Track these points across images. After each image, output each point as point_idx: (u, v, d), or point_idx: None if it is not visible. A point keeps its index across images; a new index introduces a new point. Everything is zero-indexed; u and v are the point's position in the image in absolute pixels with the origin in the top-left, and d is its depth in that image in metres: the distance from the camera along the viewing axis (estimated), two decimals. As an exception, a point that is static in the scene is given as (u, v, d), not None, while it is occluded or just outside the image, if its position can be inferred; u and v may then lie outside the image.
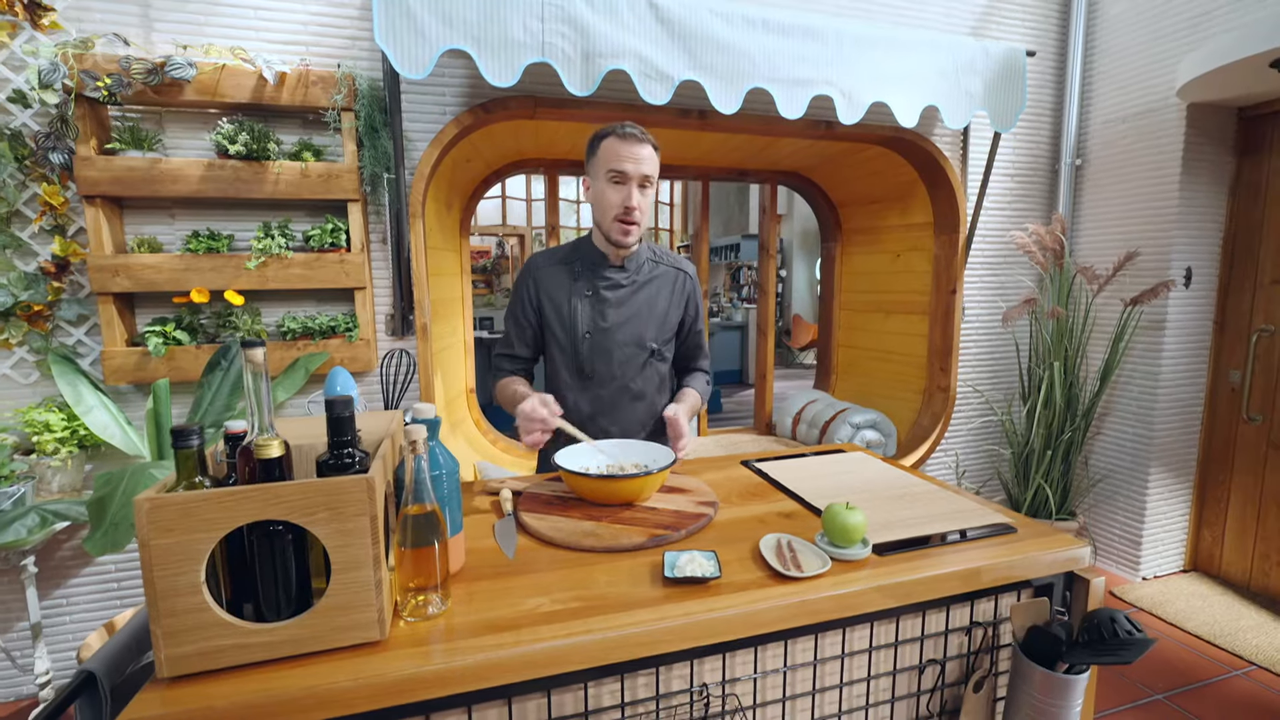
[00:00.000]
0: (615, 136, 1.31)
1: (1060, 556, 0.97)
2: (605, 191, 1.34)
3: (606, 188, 1.33)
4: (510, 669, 0.73)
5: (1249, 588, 2.56)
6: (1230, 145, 2.49)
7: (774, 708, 0.88)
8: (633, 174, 1.31)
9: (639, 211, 1.34)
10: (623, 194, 1.32)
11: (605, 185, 1.33)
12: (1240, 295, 2.54)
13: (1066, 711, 0.91)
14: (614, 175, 1.31)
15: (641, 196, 1.33)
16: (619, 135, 1.31)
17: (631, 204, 1.32)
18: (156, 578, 0.65)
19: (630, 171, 1.30)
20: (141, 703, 0.64)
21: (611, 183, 1.32)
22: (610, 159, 1.31)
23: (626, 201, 1.32)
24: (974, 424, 2.95)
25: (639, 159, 1.30)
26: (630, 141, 1.30)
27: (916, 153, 2.67)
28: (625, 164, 1.30)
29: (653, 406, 1.47)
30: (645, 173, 1.32)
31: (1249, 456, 2.53)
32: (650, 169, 1.33)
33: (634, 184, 1.32)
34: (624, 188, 1.32)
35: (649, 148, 1.32)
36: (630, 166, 1.30)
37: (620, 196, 1.32)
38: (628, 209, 1.33)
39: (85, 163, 1.78)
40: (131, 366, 1.89)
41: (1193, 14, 2.36)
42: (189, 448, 0.68)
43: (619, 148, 1.30)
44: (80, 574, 2.01)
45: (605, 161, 1.32)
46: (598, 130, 1.35)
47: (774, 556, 0.92)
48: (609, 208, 1.34)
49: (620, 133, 1.31)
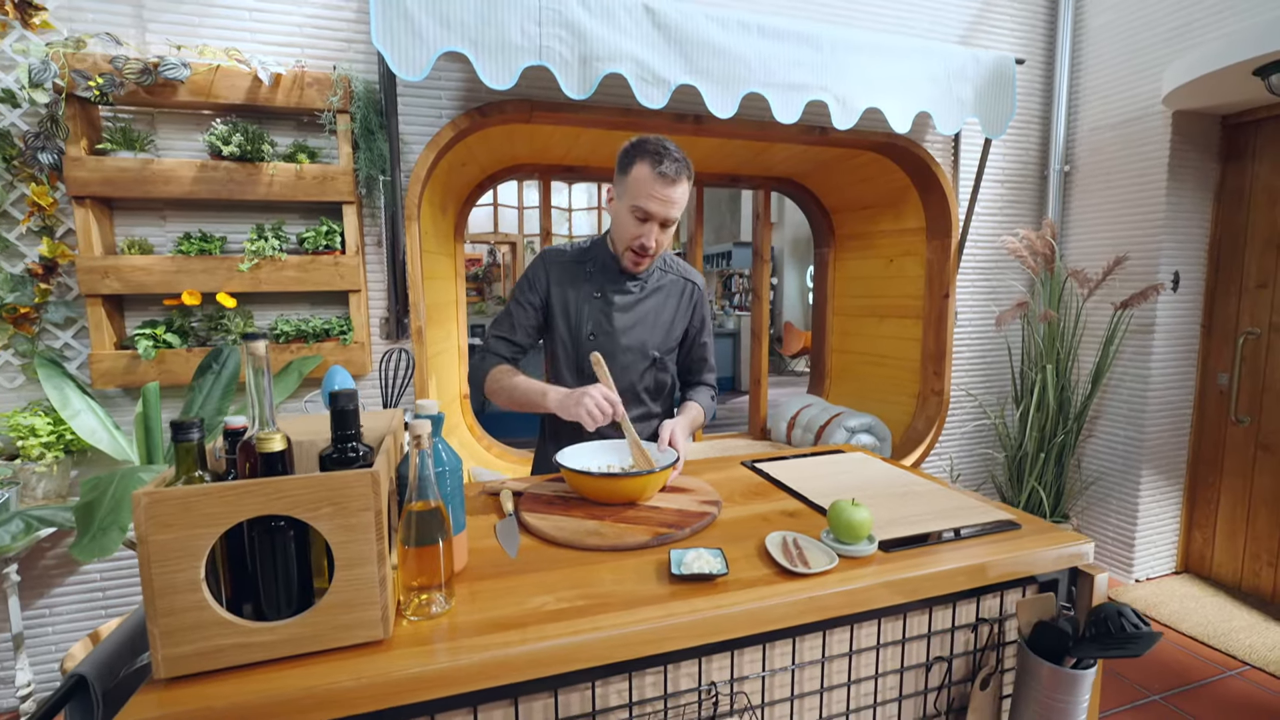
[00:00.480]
0: (652, 170, 1.21)
1: (1064, 552, 0.97)
2: (626, 220, 1.28)
3: (628, 217, 1.28)
4: (516, 668, 0.71)
5: (1240, 588, 2.58)
6: (1214, 152, 2.54)
7: (782, 706, 0.87)
8: (657, 215, 1.25)
9: (653, 251, 1.31)
10: (642, 231, 1.28)
11: (628, 216, 1.27)
12: (1227, 299, 2.58)
13: (1074, 706, 0.91)
14: (638, 212, 1.26)
15: (662, 235, 1.29)
16: (657, 173, 1.20)
17: (649, 245, 1.29)
18: (155, 575, 0.63)
19: (656, 213, 1.25)
20: (138, 704, 0.62)
21: (634, 216, 1.27)
22: (639, 194, 1.23)
23: (644, 240, 1.28)
24: (967, 427, 2.96)
25: (668, 201, 1.23)
26: (665, 183, 1.21)
27: (909, 158, 2.70)
28: (652, 205, 1.24)
29: (650, 413, 1.46)
30: (671, 216, 1.26)
31: (1238, 458, 2.56)
32: (678, 211, 1.26)
33: (656, 223, 1.27)
34: (646, 225, 1.27)
35: (683, 185, 1.24)
36: (657, 208, 1.24)
37: (639, 232, 1.28)
38: (643, 248, 1.30)
39: (75, 163, 1.76)
40: (120, 370, 1.86)
41: (1175, 25, 2.41)
42: (189, 441, 0.67)
43: (653, 187, 1.21)
44: (64, 583, 1.96)
45: (634, 192, 1.24)
46: (636, 143, 1.26)
47: (780, 553, 0.91)
48: (625, 235, 1.31)
49: (658, 169, 1.20)
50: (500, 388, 1.34)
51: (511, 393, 1.31)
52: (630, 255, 1.32)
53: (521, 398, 1.30)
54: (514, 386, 1.31)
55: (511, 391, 1.31)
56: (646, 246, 1.28)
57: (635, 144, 1.26)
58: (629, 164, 1.25)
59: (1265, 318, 2.46)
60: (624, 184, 1.27)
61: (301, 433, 0.89)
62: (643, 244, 1.28)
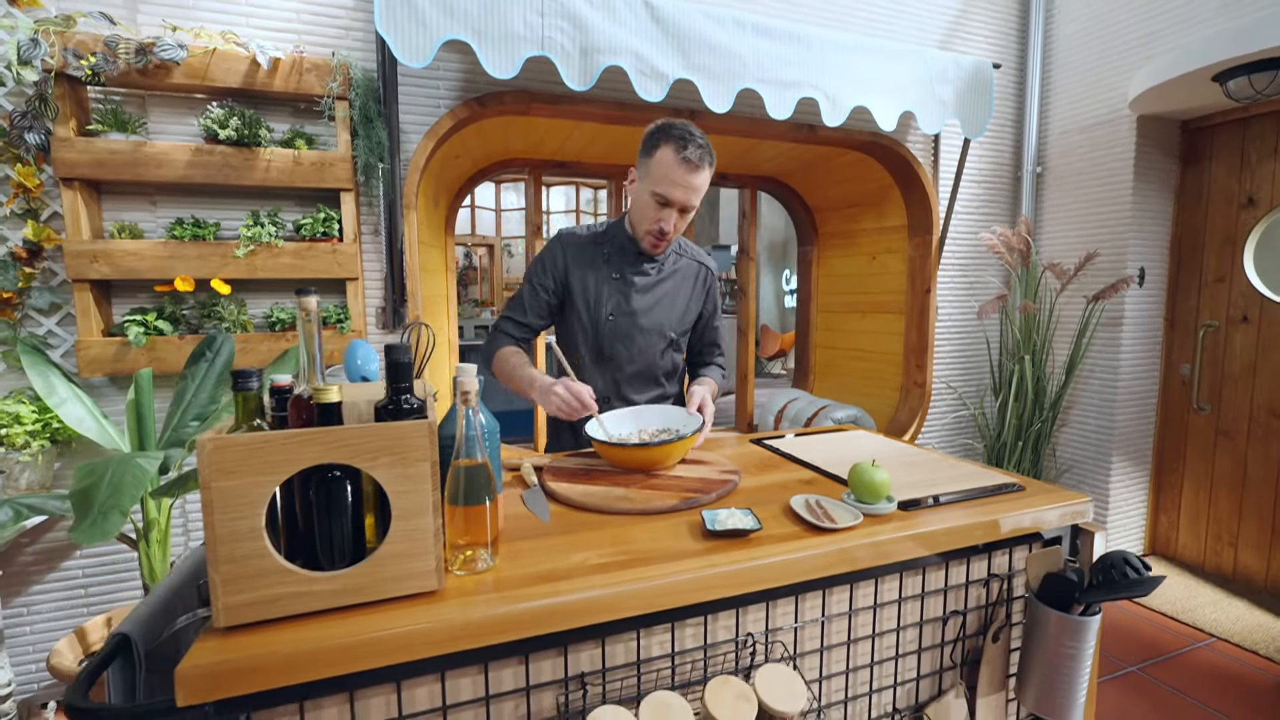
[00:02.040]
0: (676, 155, 1.22)
1: (1068, 510, 1.03)
2: (647, 203, 1.30)
3: (649, 200, 1.29)
4: (569, 614, 0.73)
5: (1203, 568, 2.72)
6: (1175, 154, 2.69)
7: (812, 658, 0.91)
8: (678, 201, 1.27)
9: (672, 235, 1.34)
10: (662, 215, 1.30)
11: (650, 200, 1.29)
12: (1188, 293, 2.73)
13: (1080, 653, 0.96)
14: (659, 197, 1.27)
15: (681, 220, 1.32)
16: (681, 158, 1.22)
17: (668, 229, 1.31)
18: (217, 521, 0.63)
19: (677, 199, 1.26)
20: (200, 651, 0.62)
21: (655, 199, 1.28)
22: (662, 179, 1.25)
23: (664, 224, 1.30)
24: (948, 418, 3.06)
25: (690, 188, 1.25)
26: (688, 169, 1.23)
27: (892, 158, 2.79)
28: (675, 191, 1.25)
29: (665, 392, 1.49)
30: (693, 203, 1.28)
31: (1200, 444, 2.71)
32: (699, 198, 1.28)
33: (676, 209, 1.29)
34: (666, 210, 1.29)
35: (706, 173, 1.26)
36: (679, 195, 1.26)
37: (659, 216, 1.30)
38: (662, 231, 1.32)
39: (64, 144, 1.71)
40: (109, 357, 1.81)
41: (1139, 34, 2.56)
42: (249, 389, 0.67)
43: (676, 172, 1.23)
44: (44, 580, 1.89)
45: (657, 177, 1.26)
46: (661, 126, 1.27)
47: (806, 512, 0.95)
48: (645, 219, 1.33)
49: (682, 154, 1.22)
50: (503, 369, 1.37)
51: (510, 376, 1.35)
52: (649, 239, 1.35)
53: (516, 383, 1.33)
54: (512, 370, 1.34)
55: (510, 374, 1.35)
56: (665, 231, 1.31)
57: (660, 127, 1.26)
58: (653, 146, 1.26)
59: (1223, 311, 2.61)
60: (646, 166, 1.28)
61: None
62: (662, 229, 1.31)
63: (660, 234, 1.32)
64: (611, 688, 0.79)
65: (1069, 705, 0.98)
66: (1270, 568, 2.49)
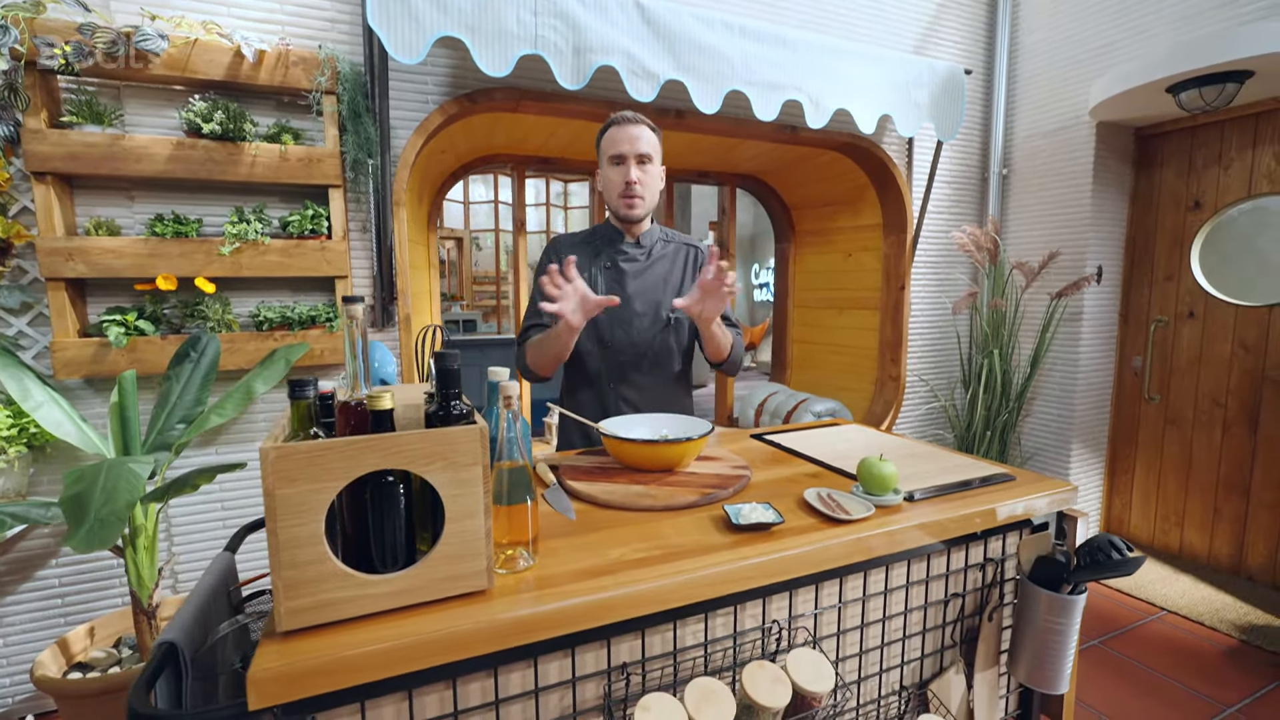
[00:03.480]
0: (614, 125, 1.45)
1: (1056, 497, 1.11)
2: (609, 174, 1.46)
3: (610, 170, 1.46)
4: (614, 608, 0.76)
5: (1153, 546, 2.91)
6: (1130, 159, 2.86)
7: (829, 641, 0.96)
8: (629, 153, 1.43)
9: (639, 185, 1.44)
10: (621, 172, 1.44)
11: (609, 169, 1.46)
12: (1140, 290, 2.91)
13: (1067, 628, 1.04)
14: (614, 158, 1.44)
15: (641, 172, 1.44)
16: (617, 123, 1.44)
17: (630, 178, 1.43)
18: (280, 528, 0.64)
19: (627, 151, 1.42)
20: (266, 655, 0.63)
21: (612, 164, 1.45)
22: (610, 145, 1.44)
23: (626, 177, 1.43)
24: (920, 410, 3.19)
25: (634, 139, 1.42)
26: (625, 125, 1.43)
27: (868, 159, 2.88)
28: (622, 146, 1.43)
29: (668, 374, 1.53)
30: (641, 151, 1.43)
31: (1150, 432, 2.89)
32: (647, 147, 1.44)
33: (631, 162, 1.43)
34: (622, 167, 1.44)
35: (644, 128, 1.44)
36: (626, 147, 1.42)
37: (620, 175, 1.44)
38: (628, 184, 1.43)
39: (35, 136, 1.64)
40: (86, 359, 1.74)
41: (1099, 44, 2.70)
42: (304, 399, 0.68)
43: (616, 133, 1.44)
44: (18, 590, 1.82)
45: (607, 149, 1.45)
46: (603, 125, 1.47)
47: (821, 505, 1.00)
48: (613, 187, 1.46)
49: (618, 120, 1.44)
50: (534, 353, 1.41)
51: (539, 348, 1.38)
52: (623, 202, 1.45)
53: (547, 346, 1.35)
54: (539, 342, 1.39)
55: (539, 347, 1.38)
56: (631, 183, 1.43)
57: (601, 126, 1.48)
58: (600, 138, 1.47)
59: (1172, 307, 2.79)
60: (600, 152, 1.48)
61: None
62: (627, 181, 1.43)
63: (629, 190, 1.44)
64: (651, 676, 0.83)
65: (1057, 675, 1.06)
66: (1212, 545, 2.69)
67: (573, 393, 1.54)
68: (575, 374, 1.53)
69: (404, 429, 0.76)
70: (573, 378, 1.54)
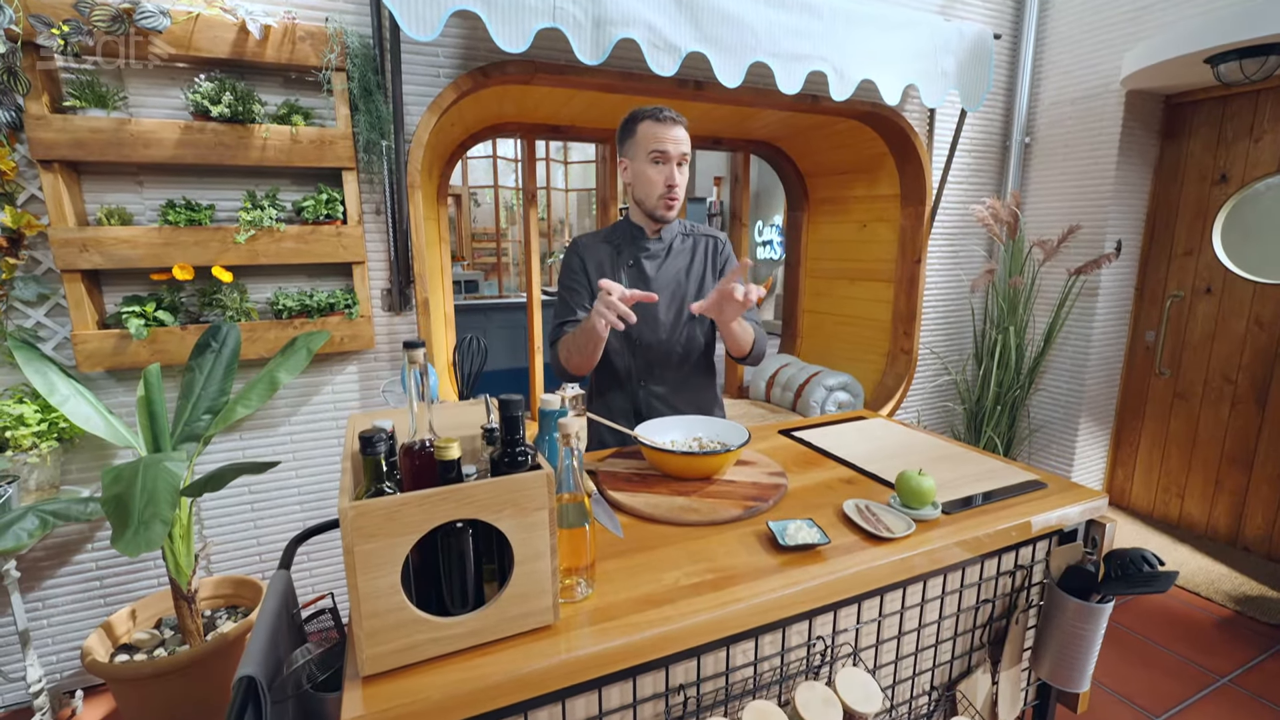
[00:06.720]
0: (653, 120, 1.41)
1: (1087, 507, 1.14)
2: (647, 170, 1.42)
3: (648, 167, 1.42)
4: (675, 640, 0.79)
5: (1152, 516, 3.00)
6: (1156, 129, 2.78)
7: (868, 652, 1.00)
8: (673, 154, 1.41)
9: (679, 188, 1.44)
10: (665, 173, 1.42)
11: (646, 165, 1.42)
12: (1158, 265, 2.88)
13: (1093, 634, 1.09)
14: (656, 155, 1.42)
15: (680, 174, 1.43)
16: (657, 119, 1.40)
17: (674, 181, 1.42)
18: (360, 582, 0.65)
19: (671, 151, 1.41)
20: (350, 703, 0.66)
21: (653, 162, 1.42)
22: (651, 141, 1.40)
23: (669, 180, 1.42)
24: (930, 383, 3.21)
25: (678, 140, 1.41)
26: (668, 124, 1.41)
27: (889, 127, 2.80)
28: (666, 145, 1.40)
29: (695, 368, 1.54)
30: (684, 152, 1.42)
31: (1158, 405, 2.93)
32: (687, 148, 1.43)
33: (674, 163, 1.42)
34: (665, 167, 1.42)
35: (683, 129, 1.43)
36: (671, 147, 1.41)
37: (663, 175, 1.42)
38: (670, 186, 1.42)
39: (39, 122, 1.58)
40: (108, 351, 1.73)
41: (1134, 7, 2.58)
42: (375, 455, 0.68)
43: (658, 130, 1.40)
44: (57, 575, 1.86)
45: (646, 143, 1.41)
46: (632, 112, 1.44)
47: (861, 520, 1.02)
48: (653, 186, 1.43)
49: (659, 116, 1.41)
50: (568, 350, 1.39)
51: (573, 344, 1.36)
52: (663, 202, 1.44)
53: (581, 342, 1.33)
54: (572, 339, 1.37)
55: (573, 343, 1.36)
56: (673, 184, 1.41)
57: (633, 113, 1.44)
58: (633, 126, 1.42)
59: (1189, 282, 2.77)
60: (633, 144, 1.43)
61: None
62: (669, 182, 1.41)
63: (670, 190, 1.42)
64: (705, 696, 0.86)
65: (1080, 675, 1.11)
66: (1210, 516, 2.77)
67: (602, 394, 1.55)
68: (603, 375, 1.53)
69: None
70: (601, 379, 1.54)
